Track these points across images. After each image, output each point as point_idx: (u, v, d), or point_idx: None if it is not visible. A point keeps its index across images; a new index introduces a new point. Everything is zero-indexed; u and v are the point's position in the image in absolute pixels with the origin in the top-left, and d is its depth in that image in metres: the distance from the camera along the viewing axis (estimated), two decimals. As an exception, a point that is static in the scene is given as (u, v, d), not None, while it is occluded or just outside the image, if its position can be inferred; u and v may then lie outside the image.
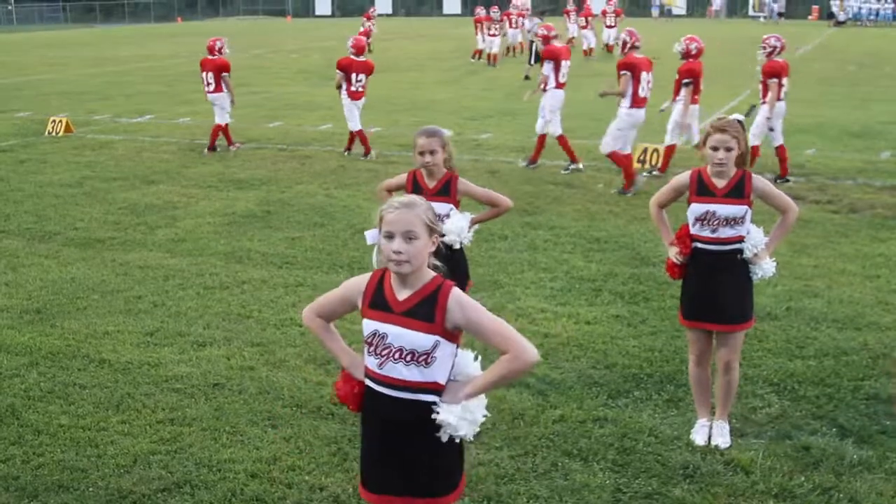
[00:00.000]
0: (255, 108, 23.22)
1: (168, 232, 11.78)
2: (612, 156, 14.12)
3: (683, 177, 6.15)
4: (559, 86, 15.55)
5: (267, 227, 11.95)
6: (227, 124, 17.57)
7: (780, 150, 14.58)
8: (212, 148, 17.43)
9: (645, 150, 15.53)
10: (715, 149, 5.90)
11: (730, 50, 37.30)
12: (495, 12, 37.21)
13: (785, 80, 14.54)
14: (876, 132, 19.10)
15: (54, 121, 20.01)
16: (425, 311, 3.81)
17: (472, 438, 3.93)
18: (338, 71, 17.11)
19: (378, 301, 3.91)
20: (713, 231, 6.00)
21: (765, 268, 6.12)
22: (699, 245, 6.06)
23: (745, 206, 5.96)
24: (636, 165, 15.44)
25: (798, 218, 6.25)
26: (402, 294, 3.87)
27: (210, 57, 17.56)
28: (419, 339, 3.81)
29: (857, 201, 13.28)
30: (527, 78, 28.97)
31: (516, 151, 16.34)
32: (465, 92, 26.31)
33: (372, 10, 41.50)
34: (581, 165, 15.46)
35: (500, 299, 9.14)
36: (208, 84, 17.45)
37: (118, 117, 22.52)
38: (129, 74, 32.96)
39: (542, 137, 15.68)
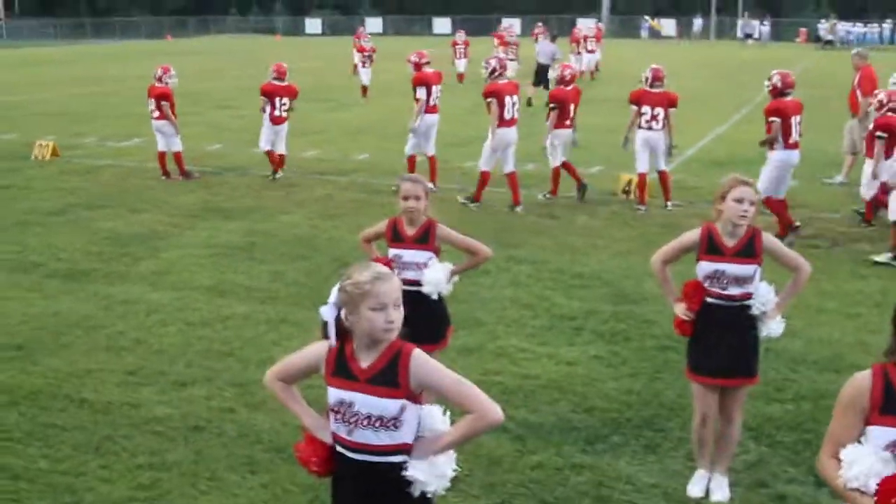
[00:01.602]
0: (241, 133, 23.20)
1: (151, 264, 11.80)
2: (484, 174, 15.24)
3: (693, 234, 6.11)
4: (430, 110, 16.27)
5: (250, 259, 11.98)
6: (164, 153, 17.60)
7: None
8: (184, 173, 17.53)
9: (630, 182, 15.59)
10: (740, 201, 5.85)
11: (717, 74, 37.48)
12: (511, 35, 37.20)
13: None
14: (860, 162, 19.13)
15: (40, 144, 20.02)
16: (389, 377, 3.89)
17: (442, 492, 4.01)
18: (261, 97, 17.41)
19: (341, 369, 3.98)
20: (722, 289, 5.99)
21: (772, 327, 6.12)
22: (709, 300, 6.04)
23: (755, 266, 5.98)
24: (621, 196, 15.61)
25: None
26: (366, 361, 3.94)
27: (156, 84, 17.57)
28: (386, 405, 3.88)
29: (840, 235, 13.37)
30: (529, 103, 28.64)
31: (501, 180, 16.34)
32: (452, 117, 26.23)
33: (361, 29, 41.32)
34: (435, 187, 15.94)
35: (481, 339, 9.18)
36: (152, 111, 17.50)
37: (105, 140, 22.54)
38: (117, 94, 32.95)
39: (411, 159, 16.45)
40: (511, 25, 45.50)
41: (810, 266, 6.15)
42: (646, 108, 14.63)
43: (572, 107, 15.47)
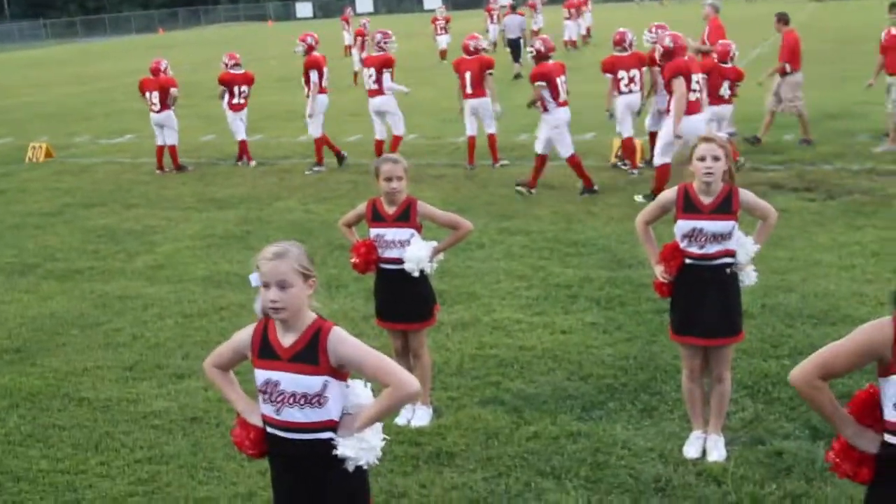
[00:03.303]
0: (235, 122, 23.19)
1: (147, 258, 11.82)
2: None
3: (669, 193, 6.14)
4: (321, 91, 16.83)
5: (246, 247, 11.96)
6: (163, 147, 17.74)
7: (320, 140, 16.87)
8: (178, 167, 17.64)
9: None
10: (702, 159, 5.87)
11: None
12: (496, 3, 37.50)
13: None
14: (855, 113, 19.08)
15: (34, 147, 20.06)
16: (309, 355, 4.01)
17: (376, 463, 4.15)
18: (220, 86, 17.88)
19: (265, 350, 4.10)
20: (700, 247, 6.00)
21: (751, 275, 6.18)
22: (687, 261, 6.05)
23: (733, 222, 5.98)
24: (613, 160, 15.58)
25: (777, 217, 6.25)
26: (287, 340, 4.06)
27: (156, 77, 17.62)
28: (308, 382, 4.01)
29: (835, 187, 13.32)
30: (517, 76, 28.82)
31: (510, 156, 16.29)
32: (445, 92, 26.18)
33: (348, 10, 41.03)
34: (325, 168, 16.86)
35: (476, 312, 9.19)
36: (153, 105, 17.53)
37: (98, 138, 22.57)
38: (109, 92, 32.95)
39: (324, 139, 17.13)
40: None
41: (777, 212, 6.23)
42: (621, 73, 14.64)
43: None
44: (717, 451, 6.27)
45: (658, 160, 13.27)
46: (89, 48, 69.00)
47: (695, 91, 12.78)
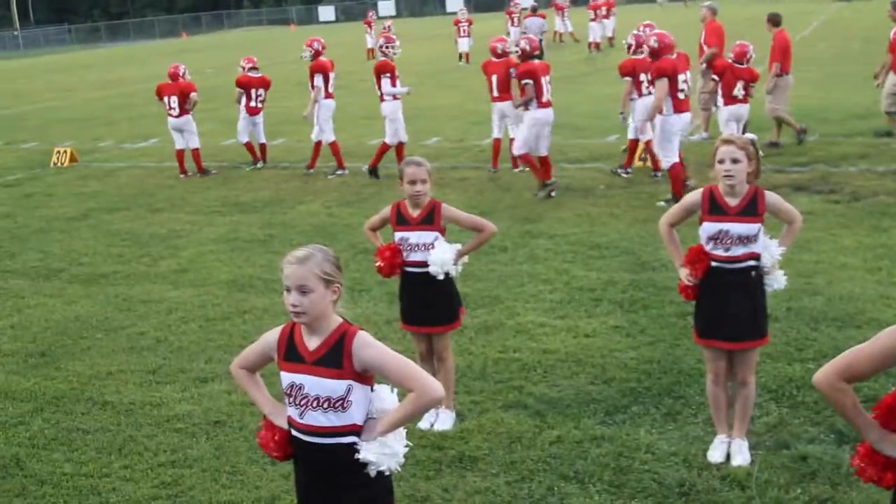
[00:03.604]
0: (258, 125, 23.25)
1: (171, 262, 11.86)
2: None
3: (694, 195, 6.10)
4: (328, 96, 16.77)
5: (269, 251, 11.99)
6: (182, 151, 17.79)
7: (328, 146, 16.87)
8: (202, 171, 17.75)
9: (644, 150, 15.48)
10: (721, 161, 5.84)
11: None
12: (516, 6, 37.67)
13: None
14: (880, 113, 18.88)
15: (59, 151, 20.20)
16: (334, 359, 4.00)
17: (398, 469, 4.12)
18: (237, 88, 17.95)
19: (291, 353, 4.10)
20: (726, 250, 5.96)
21: (780, 279, 6.13)
22: (712, 264, 6.01)
23: (759, 224, 5.93)
24: (638, 163, 15.51)
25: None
26: (312, 343, 4.06)
27: (177, 81, 17.59)
28: (332, 386, 3.99)
29: (860, 189, 13.23)
30: None
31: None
32: (468, 95, 26.24)
33: (371, 14, 41.14)
34: (346, 171, 16.81)
35: (499, 315, 9.18)
36: (171, 109, 17.52)
37: (122, 143, 22.69)
38: (133, 96, 33.11)
39: (318, 144, 16.95)
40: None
41: (802, 216, 6.21)
42: (642, 76, 14.57)
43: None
44: (741, 456, 6.23)
45: (665, 164, 13.27)
46: (113, 53, 69.41)
47: (682, 90, 12.82)
